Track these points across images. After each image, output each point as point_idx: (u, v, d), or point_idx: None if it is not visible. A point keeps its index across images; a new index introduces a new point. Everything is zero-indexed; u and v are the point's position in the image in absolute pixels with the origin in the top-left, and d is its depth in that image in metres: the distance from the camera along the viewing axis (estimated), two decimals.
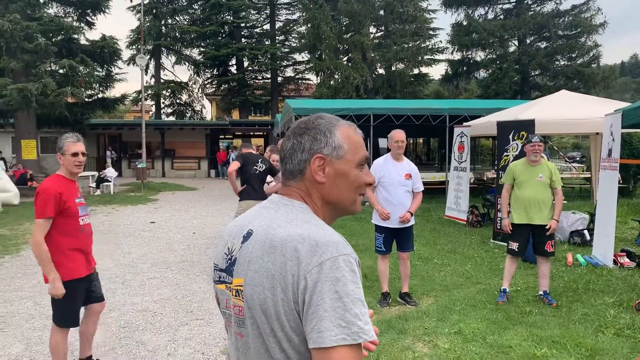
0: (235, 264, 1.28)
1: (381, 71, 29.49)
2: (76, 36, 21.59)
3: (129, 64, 33.03)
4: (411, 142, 31.20)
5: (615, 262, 7.22)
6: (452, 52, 31.28)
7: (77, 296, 3.61)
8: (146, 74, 33.82)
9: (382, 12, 28.52)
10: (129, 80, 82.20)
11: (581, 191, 17.20)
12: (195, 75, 36.99)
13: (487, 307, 5.48)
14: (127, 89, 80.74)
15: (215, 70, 36.40)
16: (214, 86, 37.40)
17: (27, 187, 17.01)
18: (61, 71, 20.08)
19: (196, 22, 35.38)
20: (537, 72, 30.61)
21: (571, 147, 42.66)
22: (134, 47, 33.99)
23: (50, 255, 3.44)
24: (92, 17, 23.71)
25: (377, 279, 6.02)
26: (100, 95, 24.18)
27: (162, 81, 35.37)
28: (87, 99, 22.75)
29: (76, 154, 3.56)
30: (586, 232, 8.79)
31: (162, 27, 34.37)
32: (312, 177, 1.29)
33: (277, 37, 35.89)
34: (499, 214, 8.57)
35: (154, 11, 33.20)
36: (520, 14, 28.98)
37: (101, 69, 23.07)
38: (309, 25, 28.33)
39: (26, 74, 19.33)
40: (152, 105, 36.68)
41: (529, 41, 30.26)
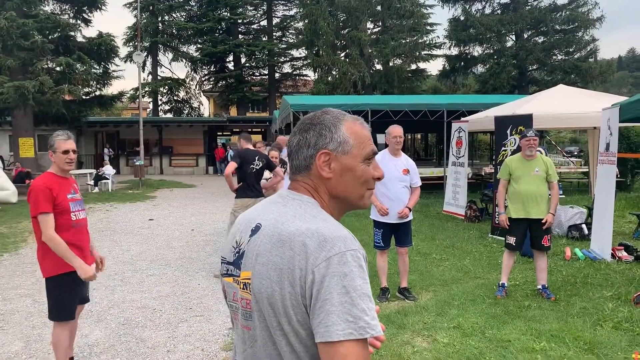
0: (243, 257, 1.28)
1: (379, 67, 29.48)
2: (73, 33, 21.50)
3: (126, 61, 32.94)
4: (409, 137, 31.20)
5: (613, 255, 7.25)
6: (449, 48, 31.32)
7: (70, 289, 3.61)
8: (143, 71, 33.74)
9: (379, 8, 28.48)
10: (126, 77, 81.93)
11: (579, 185, 17.23)
12: (192, 72, 36.95)
13: (485, 302, 5.50)
14: (125, 86, 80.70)
15: (212, 66, 36.35)
16: (212, 83, 37.34)
17: (25, 185, 16.96)
18: (58, 69, 20.03)
19: (193, 18, 35.29)
20: (534, 67, 30.61)
21: (569, 142, 42.71)
22: (130, 44, 33.88)
23: (65, 244, 3.45)
24: (89, 14, 23.63)
25: (376, 274, 6.02)
26: (97, 92, 24.11)
27: (159, 78, 35.30)
28: (84, 97, 22.66)
29: (67, 152, 3.58)
30: (584, 226, 8.81)
31: (159, 24, 34.28)
32: (319, 173, 1.30)
33: (274, 33, 35.81)
34: (497, 209, 8.59)
35: (151, 8, 33.11)
36: (517, 8, 28.96)
37: (98, 67, 23.01)
38: (306, 21, 28.30)
39: (23, 71, 19.26)
40: (149, 102, 36.60)
41: (526, 36, 30.25)
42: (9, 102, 18.42)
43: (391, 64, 28.78)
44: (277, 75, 36.06)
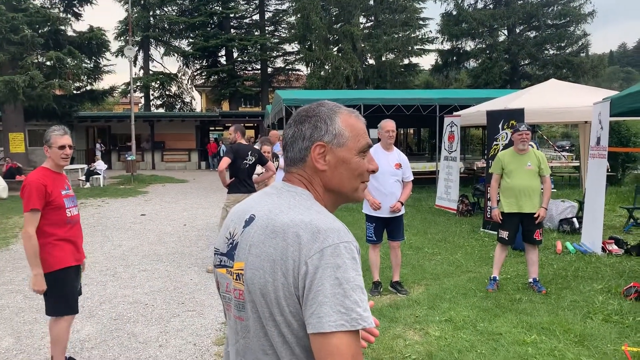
0: (236, 248, 1.28)
1: (371, 61, 29.45)
2: (63, 27, 21.32)
3: (117, 56, 32.70)
4: (402, 132, 31.24)
5: (603, 249, 7.30)
6: (442, 42, 31.32)
7: (69, 283, 3.61)
8: (135, 66, 33.53)
9: (371, 2, 28.43)
10: (118, 72, 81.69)
11: (570, 179, 17.34)
12: (184, 66, 36.75)
13: (477, 295, 5.53)
14: (116, 81, 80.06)
15: (204, 61, 36.15)
16: (204, 77, 37.17)
17: (15, 181, 16.85)
18: (48, 63, 19.83)
19: (185, 12, 35.06)
20: (526, 62, 30.70)
21: (560, 136, 42.91)
22: (122, 38, 33.63)
23: (38, 249, 3.43)
24: (79, 8, 23.44)
25: (368, 268, 6.03)
26: (88, 87, 23.96)
27: (151, 73, 35.07)
28: (75, 91, 22.48)
29: (63, 147, 3.55)
30: (575, 220, 8.86)
31: (151, 18, 34.02)
32: (313, 165, 1.30)
33: (266, 28, 35.67)
34: (489, 203, 8.62)
35: (142, 2, 32.83)
36: (509, 3, 29.00)
37: (89, 61, 22.83)
38: (298, 15, 28.20)
39: (12, 66, 19.07)
40: (141, 97, 36.38)
41: (518, 30, 30.31)
42: None
43: (384, 59, 28.76)
44: (269, 69, 35.94)
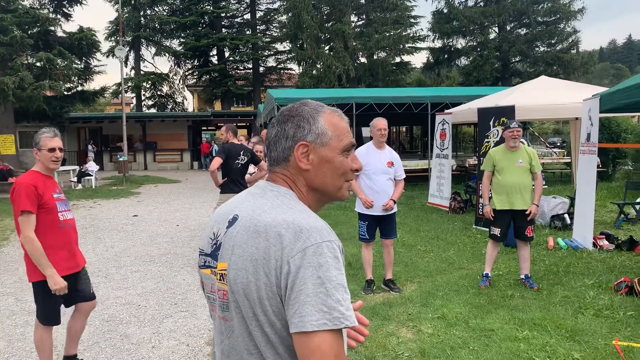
0: (220, 249, 1.29)
1: (363, 60, 29.48)
2: (53, 28, 21.21)
3: (108, 56, 32.58)
4: (394, 130, 31.28)
5: (594, 244, 7.35)
6: (433, 40, 31.42)
7: (55, 295, 3.47)
8: (126, 66, 33.43)
9: (362, 1, 28.46)
10: (109, 72, 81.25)
11: (562, 176, 17.43)
12: (175, 66, 36.64)
13: (469, 292, 5.55)
14: (107, 82, 79.56)
15: (196, 61, 36.04)
16: (195, 77, 37.06)
17: (7, 183, 16.74)
18: (38, 64, 19.72)
19: (175, 12, 34.92)
20: (517, 59, 30.84)
21: (552, 133, 43.13)
22: (112, 38, 33.46)
23: (42, 249, 3.35)
24: (69, 8, 23.32)
25: (361, 266, 6.05)
26: (79, 88, 23.80)
27: (142, 73, 34.94)
28: (65, 92, 22.34)
29: (53, 150, 3.48)
30: (567, 216, 8.91)
31: (141, 18, 33.87)
32: (297, 165, 1.30)
33: (258, 27, 35.60)
34: (481, 200, 8.66)
35: (132, 2, 32.69)
36: (500, 0, 29.11)
37: (79, 62, 22.71)
38: (289, 14, 28.18)
39: (2, 67, 18.93)
40: (132, 97, 36.23)
41: (509, 28, 30.43)
42: None
43: (375, 57, 28.80)
44: (261, 69, 35.88)
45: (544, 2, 28.92)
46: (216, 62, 35.14)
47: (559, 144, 30.21)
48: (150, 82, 35.09)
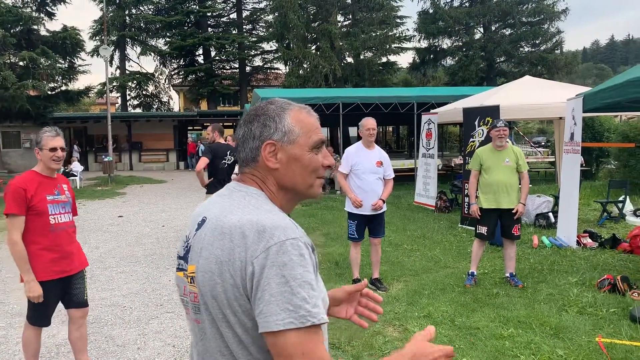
0: (190, 251, 1.29)
1: (350, 60, 29.50)
2: (36, 27, 21.02)
3: (92, 56, 32.29)
4: (380, 130, 31.38)
5: (578, 242, 7.44)
6: (419, 40, 31.55)
7: (45, 297, 3.39)
8: (111, 66, 33.11)
9: (349, 1, 28.48)
10: (93, 72, 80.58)
11: (546, 175, 17.61)
12: (161, 66, 36.40)
13: (455, 291, 5.58)
14: (92, 81, 79.09)
15: (181, 60, 35.84)
16: (181, 77, 36.85)
17: None
18: (21, 63, 19.53)
19: (161, 11, 34.71)
20: (502, 59, 31.09)
21: (537, 132, 43.55)
22: (97, 38, 33.19)
23: (26, 254, 3.30)
24: (52, 7, 23.11)
25: (348, 266, 6.06)
26: (63, 87, 23.60)
27: (127, 72, 34.67)
28: (49, 92, 22.15)
29: (54, 149, 3.41)
30: (551, 214, 9.01)
31: (126, 17, 33.63)
32: (265, 164, 1.29)
33: (244, 26, 35.48)
34: (467, 199, 8.71)
35: (117, 1, 32.44)
36: (485, 1, 29.32)
37: (63, 61, 22.52)
38: (276, 13, 28.10)
39: None
40: (117, 97, 35.96)
41: (494, 28, 30.67)
42: None
43: (362, 57, 28.83)
44: (248, 68, 35.78)
45: (529, 3, 29.20)
46: (202, 61, 34.97)
47: (543, 143, 30.51)
48: (135, 81, 34.84)
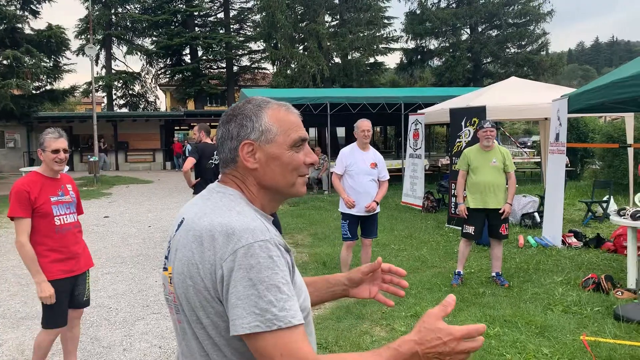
0: (170, 252, 1.29)
1: (337, 60, 29.52)
2: (20, 25, 20.70)
3: (78, 55, 31.95)
4: None
5: (563, 242, 7.51)
6: (406, 41, 31.63)
7: (58, 296, 3.38)
8: (96, 65, 32.83)
9: (336, 1, 28.50)
10: (79, 71, 79.80)
11: (532, 175, 17.75)
12: (148, 65, 36.15)
13: (442, 290, 5.61)
14: (77, 80, 78.26)
15: (168, 60, 35.62)
16: (168, 76, 36.63)
17: None
18: (5, 62, 19.22)
19: (147, 10, 34.46)
20: (488, 60, 31.29)
21: (523, 133, 43.89)
22: (82, 36, 32.85)
23: (35, 256, 3.28)
24: (37, 5, 22.77)
25: (336, 266, 6.07)
26: (48, 87, 23.28)
27: (113, 72, 34.38)
28: (34, 91, 21.83)
29: (57, 151, 3.37)
30: (536, 214, 9.08)
31: (112, 16, 33.36)
32: (244, 164, 1.28)
33: (231, 26, 35.37)
34: (454, 199, 8.77)
35: (103, 0, 32.18)
36: (471, 2, 29.48)
37: (48, 60, 22.20)
38: (263, 13, 28.03)
39: None
40: (103, 96, 35.63)
41: (480, 29, 30.85)
42: None
43: (349, 57, 28.86)
44: (235, 68, 35.67)
45: (515, 4, 29.41)
46: (189, 61, 34.78)
47: (529, 144, 30.76)
48: (121, 81, 34.58)
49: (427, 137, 12.51)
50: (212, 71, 36.39)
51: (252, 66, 36.23)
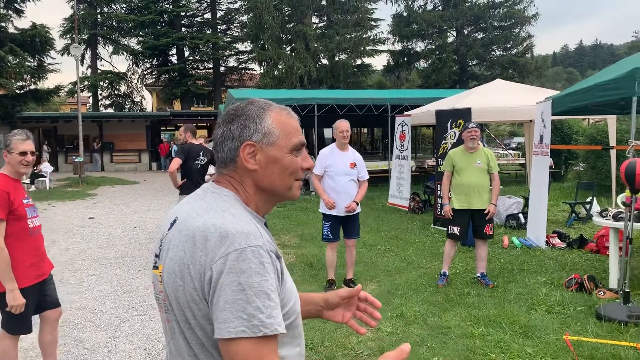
0: (161, 251, 1.28)
1: (325, 61, 29.56)
2: (3, 24, 20.52)
3: (63, 54, 31.59)
4: (355, 131, 31.48)
5: (547, 243, 7.60)
6: (393, 43, 31.81)
7: (26, 304, 3.28)
8: (82, 65, 32.57)
9: (324, 2, 28.56)
10: (64, 71, 78.82)
11: (517, 176, 17.92)
12: (134, 65, 35.83)
13: (427, 290, 5.65)
14: (62, 80, 77.55)
15: (154, 60, 35.35)
16: (154, 76, 36.41)
17: None
18: None
19: (134, 10, 34.17)
20: (474, 62, 31.56)
21: (508, 135, 44.26)
22: (68, 36, 32.50)
23: (10, 261, 3.17)
24: (21, 4, 22.59)
25: (323, 267, 6.07)
26: (32, 86, 23.05)
27: (99, 72, 34.07)
28: (18, 91, 21.62)
29: (24, 153, 3.29)
30: (521, 215, 9.17)
31: (98, 16, 33.06)
32: (244, 165, 1.27)
33: (218, 27, 35.21)
34: (440, 200, 8.82)
35: None
36: (457, 5, 29.72)
37: (32, 59, 22.00)
38: (250, 14, 28.00)
39: None
40: (89, 96, 35.28)
41: (466, 32, 31.11)
42: None
43: (337, 59, 28.93)
44: (222, 69, 35.53)
45: (500, 7, 29.71)
46: (176, 61, 34.59)
47: (514, 146, 31.04)
48: (107, 81, 34.29)
49: (413, 139, 12.57)
50: (198, 72, 36.23)
51: (239, 67, 36.12)
